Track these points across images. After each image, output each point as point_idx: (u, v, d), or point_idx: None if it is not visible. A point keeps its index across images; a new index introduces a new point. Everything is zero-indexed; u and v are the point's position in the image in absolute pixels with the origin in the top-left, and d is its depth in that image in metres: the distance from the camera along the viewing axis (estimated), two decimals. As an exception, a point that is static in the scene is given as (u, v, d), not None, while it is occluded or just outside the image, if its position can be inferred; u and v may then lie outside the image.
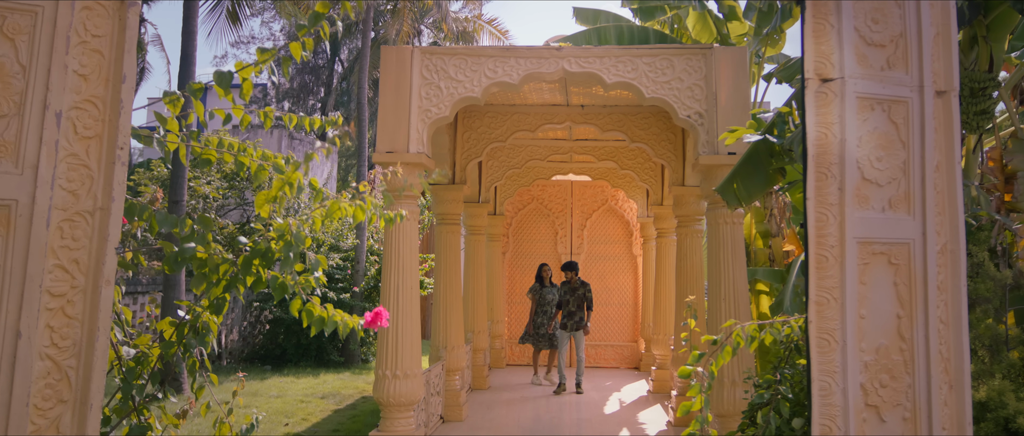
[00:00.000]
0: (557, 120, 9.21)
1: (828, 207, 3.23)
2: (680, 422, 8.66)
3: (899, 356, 3.28)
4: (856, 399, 3.16)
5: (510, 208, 14.44)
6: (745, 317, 6.33)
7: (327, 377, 12.84)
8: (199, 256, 2.45)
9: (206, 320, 2.57)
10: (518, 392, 10.90)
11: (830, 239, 3.22)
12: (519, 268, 14.56)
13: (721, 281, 6.37)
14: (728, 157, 6.44)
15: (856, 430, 3.15)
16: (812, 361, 3.12)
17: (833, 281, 3.20)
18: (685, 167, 9.04)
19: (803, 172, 3.26)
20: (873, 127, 3.34)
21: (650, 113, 9.18)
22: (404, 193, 6.55)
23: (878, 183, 3.33)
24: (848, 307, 3.18)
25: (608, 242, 14.47)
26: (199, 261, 2.48)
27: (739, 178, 5.02)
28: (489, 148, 9.40)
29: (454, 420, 8.76)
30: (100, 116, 2.42)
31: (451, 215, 9.17)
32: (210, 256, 2.45)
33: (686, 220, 9.01)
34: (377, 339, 6.51)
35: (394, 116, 6.64)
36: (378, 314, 2.52)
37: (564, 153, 11.34)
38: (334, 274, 14.83)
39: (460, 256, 9.32)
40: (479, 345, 11.21)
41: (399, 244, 6.51)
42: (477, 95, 6.70)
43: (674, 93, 6.70)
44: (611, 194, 14.41)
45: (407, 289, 6.46)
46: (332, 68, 36.09)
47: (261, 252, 2.42)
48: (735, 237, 6.45)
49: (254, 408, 8.88)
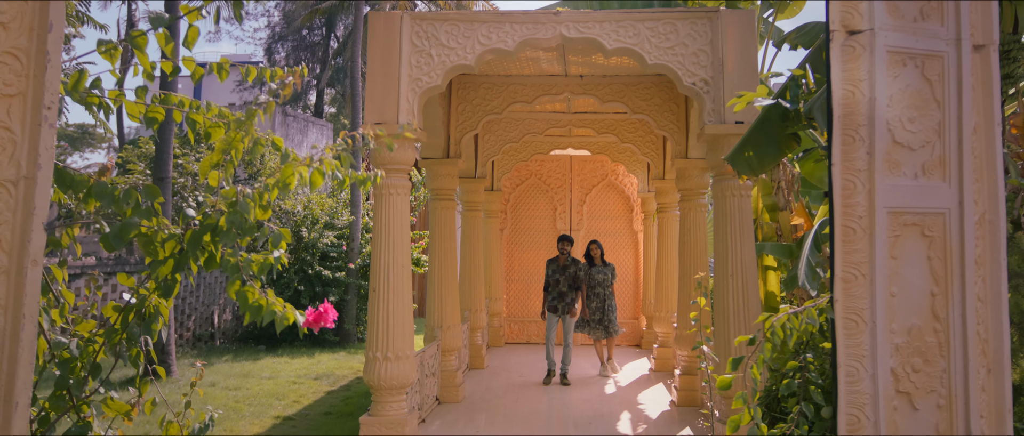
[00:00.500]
0: (555, 91, 8.86)
1: (855, 173, 2.91)
2: (684, 402, 8.40)
3: (933, 338, 2.97)
4: (886, 385, 2.86)
5: (508, 184, 14.11)
6: (753, 295, 6.03)
7: (322, 357, 12.58)
8: (143, 232, 2.13)
9: (156, 304, 2.25)
10: (517, 371, 10.63)
11: (858, 209, 2.90)
12: (517, 245, 14.26)
13: (728, 256, 6.07)
14: (736, 126, 6.12)
15: (886, 419, 2.85)
16: (838, 344, 2.82)
17: (861, 255, 2.88)
18: (689, 139, 8.71)
19: (827, 135, 2.93)
20: (905, 84, 3.01)
21: (652, 83, 8.83)
22: (393, 166, 6.22)
23: (910, 147, 3.00)
24: (878, 284, 2.87)
25: (608, 218, 14.16)
26: (144, 238, 2.15)
27: (751, 146, 4.69)
28: (485, 121, 9.06)
29: (450, 402, 8.49)
30: (23, 71, 2.08)
31: (446, 190, 8.84)
32: (156, 232, 2.13)
33: (690, 194, 8.70)
34: (368, 319, 6.21)
35: (383, 85, 6.30)
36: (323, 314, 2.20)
37: (563, 126, 11.00)
38: (329, 251, 14.54)
39: (455, 233, 9.01)
40: (477, 324, 10.93)
41: (389, 219, 6.19)
42: (470, 63, 6.36)
43: (678, 59, 6.36)
44: (611, 169, 14.08)
45: (398, 267, 6.15)
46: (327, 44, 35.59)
47: (212, 226, 2.10)
48: (743, 210, 6.14)
49: (209, 405, 8.61)
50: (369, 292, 6.22)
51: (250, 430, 7.41)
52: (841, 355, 2.82)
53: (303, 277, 14.14)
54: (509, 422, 7.67)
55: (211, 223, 2.08)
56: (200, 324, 13.79)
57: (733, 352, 5.88)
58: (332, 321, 2.25)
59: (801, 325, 2.74)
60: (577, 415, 7.90)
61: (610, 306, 10.29)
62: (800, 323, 2.75)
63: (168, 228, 2.13)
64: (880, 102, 2.94)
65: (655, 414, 8.11)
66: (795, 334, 2.72)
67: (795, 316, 2.75)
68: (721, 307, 6.05)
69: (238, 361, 11.88)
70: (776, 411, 3.17)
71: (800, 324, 2.74)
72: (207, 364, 11.52)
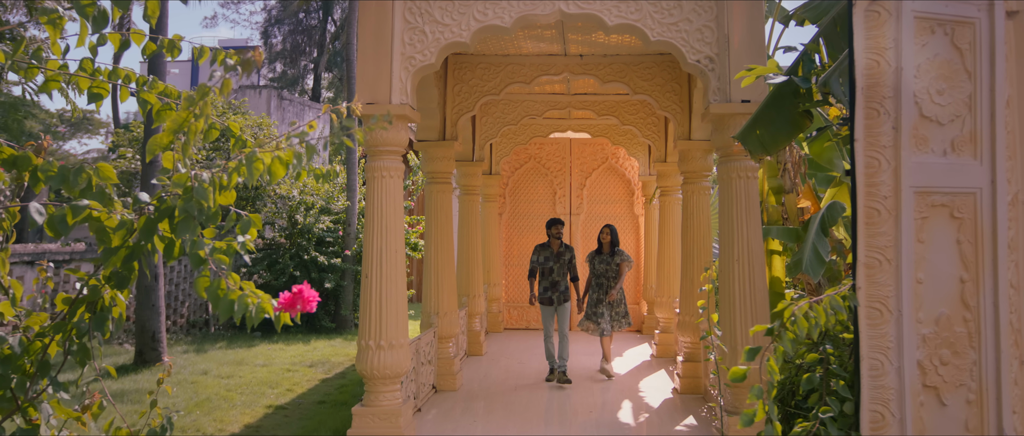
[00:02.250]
0: (554, 71, 8.61)
1: (880, 150, 2.68)
2: (686, 390, 8.20)
3: (962, 327, 2.75)
4: (913, 380, 2.65)
5: (506, 167, 13.87)
6: (760, 281, 5.81)
7: (318, 344, 12.39)
8: (93, 217, 1.90)
9: (112, 297, 2.02)
10: (516, 358, 10.43)
11: (883, 188, 2.67)
12: (516, 229, 14.03)
13: (734, 241, 5.84)
14: (742, 105, 5.88)
15: (913, 416, 2.63)
16: (861, 335, 2.60)
17: (886, 239, 2.66)
18: (692, 120, 8.46)
19: (849, 107, 2.70)
20: (933, 54, 2.78)
21: (654, 62, 8.58)
22: (386, 147, 5.98)
23: (938, 121, 2.77)
24: (904, 270, 2.65)
25: (609, 202, 13.93)
26: (95, 224, 1.93)
27: (762, 124, 4.46)
28: (482, 102, 8.81)
29: (448, 390, 8.29)
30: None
31: (442, 173, 8.60)
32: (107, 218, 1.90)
33: (692, 176, 8.46)
34: (360, 307, 5.99)
35: (374, 64, 6.05)
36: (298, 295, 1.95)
37: (562, 108, 10.74)
38: (325, 237, 14.31)
39: (452, 217, 8.78)
40: (475, 310, 10.72)
41: (382, 203, 5.96)
42: (465, 40, 6.10)
43: (682, 36, 6.11)
44: (612, 152, 13.84)
45: (391, 252, 5.93)
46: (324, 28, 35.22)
47: (169, 212, 1.87)
48: (749, 192, 5.91)
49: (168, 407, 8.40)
50: (361, 278, 6.00)
51: (241, 420, 7.21)
52: (864, 347, 2.61)
53: (299, 263, 13.92)
54: (508, 411, 7.47)
55: (168, 208, 1.84)
56: (194, 311, 13.59)
57: (739, 341, 5.67)
58: (313, 304, 2.00)
59: (825, 314, 2.52)
60: (577, 403, 7.70)
61: (618, 300, 9.15)
62: (824, 312, 2.52)
63: (121, 213, 1.90)
64: (907, 72, 2.71)
65: (657, 402, 7.91)
66: (819, 325, 2.49)
67: (818, 304, 2.53)
68: (726, 293, 5.83)
69: (232, 348, 11.68)
70: (791, 406, 2.95)
71: (824, 313, 2.52)
72: (200, 352, 11.32)
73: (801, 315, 2.45)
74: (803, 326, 2.45)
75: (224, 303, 1.81)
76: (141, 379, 8.89)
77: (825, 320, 2.49)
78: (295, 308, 1.94)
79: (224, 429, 6.86)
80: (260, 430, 6.88)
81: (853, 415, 2.65)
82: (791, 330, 2.43)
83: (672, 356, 10.17)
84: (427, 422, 6.93)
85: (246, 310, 1.81)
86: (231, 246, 1.92)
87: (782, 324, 2.45)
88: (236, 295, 1.82)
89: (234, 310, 1.81)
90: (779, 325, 2.44)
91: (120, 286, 1.99)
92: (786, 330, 2.42)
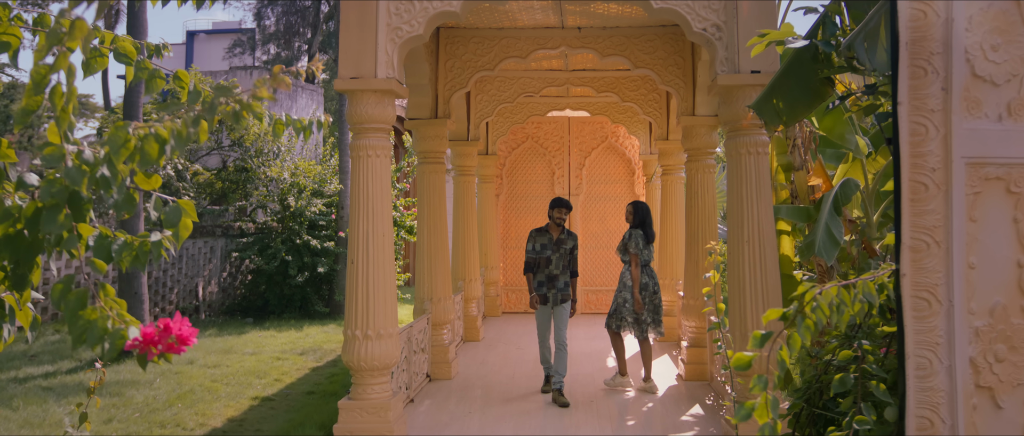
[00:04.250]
0: (551, 45, 8.21)
1: (927, 114, 2.31)
2: (692, 376, 7.87)
3: (1020, 319, 2.39)
4: (965, 380, 2.29)
5: (503, 147, 13.48)
6: (772, 263, 5.46)
7: (311, 330, 12.05)
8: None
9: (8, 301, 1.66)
10: (514, 343, 10.11)
11: (930, 159, 2.30)
12: (514, 211, 13.67)
13: (743, 221, 5.48)
14: (752, 76, 5.51)
15: (965, 421, 2.28)
16: (906, 329, 2.25)
17: (934, 218, 2.29)
18: (696, 94, 8.08)
19: (891, 65, 2.32)
20: (987, 2, 2.41)
21: (656, 35, 8.18)
22: (371, 124, 5.60)
23: (993, 81, 2.40)
24: (954, 253, 2.28)
25: (609, 182, 13.56)
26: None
27: (779, 93, 4.08)
28: (476, 78, 8.42)
29: (442, 378, 7.96)
30: None
31: (434, 153, 8.22)
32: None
33: (697, 154, 8.09)
34: (346, 294, 5.64)
35: (358, 36, 5.66)
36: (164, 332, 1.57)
37: (560, 85, 10.35)
38: (318, 220, 13.95)
39: (445, 198, 8.41)
40: (471, 294, 10.37)
41: (368, 183, 5.59)
42: (456, 9, 5.71)
43: (687, 3, 5.72)
44: (611, 131, 13.45)
45: (378, 236, 5.56)
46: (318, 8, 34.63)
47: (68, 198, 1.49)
48: (760, 169, 5.54)
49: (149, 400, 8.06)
50: (347, 264, 5.64)
51: (224, 413, 6.87)
52: (910, 343, 2.25)
53: (291, 247, 13.56)
54: (506, 399, 7.14)
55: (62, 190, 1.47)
56: (183, 297, 13.24)
57: (749, 327, 5.33)
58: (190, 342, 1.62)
59: (854, 303, 2.16)
60: (578, 391, 7.36)
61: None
62: (852, 300, 2.16)
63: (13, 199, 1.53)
64: (958, 24, 2.34)
65: (661, 389, 7.58)
66: (846, 313, 2.12)
67: (846, 290, 2.16)
68: (735, 277, 5.48)
69: (222, 335, 11.34)
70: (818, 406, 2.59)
71: (852, 301, 2.15)
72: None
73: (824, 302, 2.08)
74: (824, 314, 2.08)
75: (80, 322, 1.44)
76: (124, 370, 8.54)
77: (855, 309, 2.13)
78: (157, 346, 1.56)
79: (206, 423, 6.52)
80: (243, 424, 6.54)
81: (895, 423, 2.30)
82: (810, 317, 2.06)
83: (676, 340, 9.84)
84: (420, 414, 6.60)
85: (101, 337, 1.44)
86: (142, 245, 1.54)
87: (800, 310, 2.08)
88: (94, 315, 1.44)
89: (83, 340, 1.44)
90: (797, 310, 2.08)
91: (18, 287, 1.62)
92: (805, 317, 2.05)
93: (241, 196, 14.99)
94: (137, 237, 1.62)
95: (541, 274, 7.27)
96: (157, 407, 7.02)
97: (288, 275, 13.35)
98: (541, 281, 7.27)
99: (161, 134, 1.63)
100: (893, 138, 2.32)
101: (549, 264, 7.26)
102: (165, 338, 1.65)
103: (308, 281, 13.55)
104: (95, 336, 1.43)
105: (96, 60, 1.97)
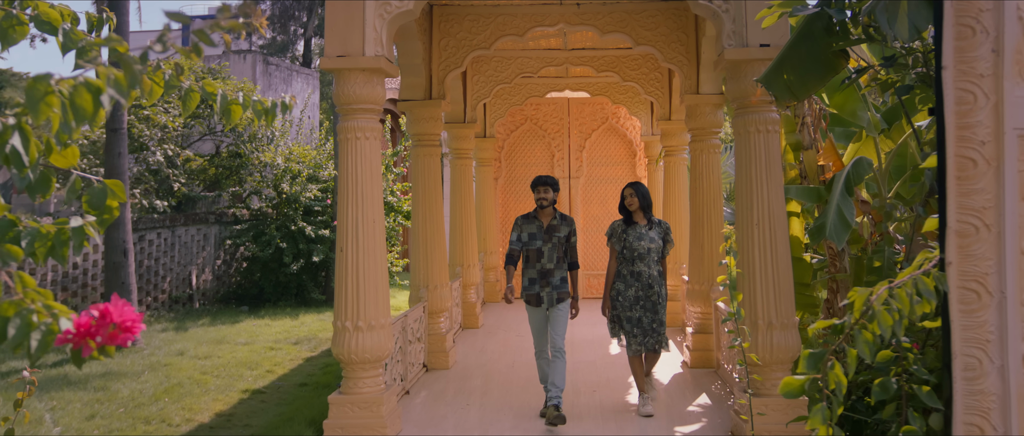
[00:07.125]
0: (549, 21, 7.90)
1: (976, 80, 2.03)
2: (697, 363, 7.63)
3: (1079, 311, 2.13)
4: (1019, 382, 2.02)
5: (501, 129, 13.18)
6: (783, 247, 5.19)
7: (306, 318, 11.80)
8: None
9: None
10: (514, 330, 9.84)
11: (979, 131, 2.02)
12: (513, 194, 13.40)
13: (752, 203, 5.21)
14: (761, 50, 5.21)
15: (1019, 428, 2.01)
16: (952, 325, 1.98)
17: (984, 198, 2.02)
18: (700, 71, 7.77)
19: (935, 22, 2.04)
20: (1042, -48, 2.13)
21: (658, 10, 7.87)
22: (359, 105, 5.31)
23: (1049, 42, 2.12)
24: (1007, 238, 2.01)
25: (609, 164, 13.26)
26: None
27: (789, 66, 3.80)
28: (472, 57, 8.11)
29: (440, 368, 7.71)
30: None
31: (429, 135, 7.93)
32: None
33: (701, 134, 7.81)
34: (335, 283, 5.37)
35: (345, 11, 5.35)
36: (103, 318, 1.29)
37: (559, 65, 10.05)
38: (313, 206, 13.67)
39: (441, 182, 8.13)
40: (469, 280, 10.11)
41: (356, 167, 5.30)
42: (448, -19, 5.41)
43: (691, -27, 5.41)
44: (612, 112, 13.15)
45: (368, 223, 5.29)
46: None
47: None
48: (770, 148, 5.26)
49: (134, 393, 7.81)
50: (336, 252, 5.36)
51: (212, 407, 6.62)
52: (957, 340, 1.98)
53: (285, 234, 13.29)
54: (505, 390, 6.90)
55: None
56: (176, 285, 12.99)
57: (760, 314, 5.06)
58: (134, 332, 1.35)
59: (909, 302, 1.88)
60: (580, 380, 7.11)
61: (660, 296, 6.20)
62: (909, 299, 1.88)
63: None
64: (1010, -23, 2.06)
65: (666, 378, 7.33)
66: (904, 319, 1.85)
67: (902, 289, 1.89)
68: (745, 262, 5.20)
69: (215, 325, 11.09)
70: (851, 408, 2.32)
71: (908, 300, 1.88)
72: (180, 330, 10.71)
73: (880, 306, 1.81)
74: (886, 320, 1.81)
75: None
76: (111, 363, 8.29)
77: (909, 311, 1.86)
78: (96, 337, 1.28)
79: (192, 418, 6.27)
80: (231, 419, 6.29)
81: (942, 430, 2.03)
82: (868, 329, 1.79)
83: (680, 326, 9.58)
84: (416, 406, 6.35)
85: (25, 334, 1.17)
86: (60, 233, 1.27)
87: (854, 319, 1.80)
88: (11, 310, 1.17)
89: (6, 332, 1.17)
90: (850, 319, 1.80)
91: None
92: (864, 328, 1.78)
93: (235, 182, 14.71)
94: (54, 224, 1.35)
95: (532, 269, 6.09)
96: (143, 401, 6.77)
97: (283, 262, 13.09)
98: (533, 278, 6.08)
99: (94, 83, 1.35)
100: (936, 108, 2.04)
101: (541, 257, 6.10)
102: (104, 328, 1.37)
103: (304, 268, 13.29)
104: (19, 334, 1.16)
105: (15, 28, 1.71)
